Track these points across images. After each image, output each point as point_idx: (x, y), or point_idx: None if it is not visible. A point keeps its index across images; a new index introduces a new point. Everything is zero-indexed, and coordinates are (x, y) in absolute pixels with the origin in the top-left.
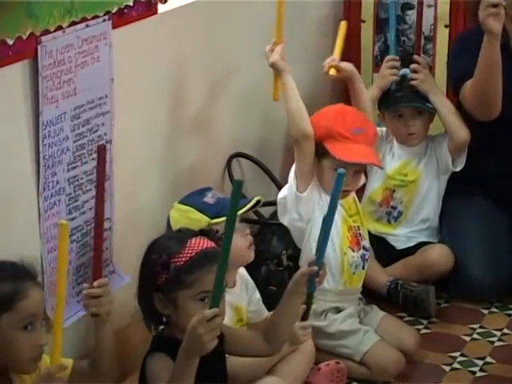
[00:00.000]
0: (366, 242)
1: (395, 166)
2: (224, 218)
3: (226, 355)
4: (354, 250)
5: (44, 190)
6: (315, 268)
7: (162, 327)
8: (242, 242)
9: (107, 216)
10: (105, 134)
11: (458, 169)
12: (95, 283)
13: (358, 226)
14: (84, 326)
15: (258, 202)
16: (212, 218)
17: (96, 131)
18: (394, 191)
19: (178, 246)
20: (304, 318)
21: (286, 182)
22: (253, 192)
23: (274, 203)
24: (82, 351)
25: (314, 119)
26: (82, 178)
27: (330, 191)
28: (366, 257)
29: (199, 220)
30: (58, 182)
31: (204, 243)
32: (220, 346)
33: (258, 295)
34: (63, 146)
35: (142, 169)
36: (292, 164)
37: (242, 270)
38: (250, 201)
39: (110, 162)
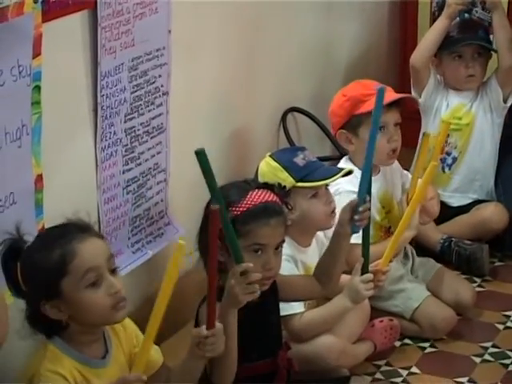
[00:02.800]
0: None
1: (450, 109)
2: (310, 184)
3: None
4: None
5: (101, 140)
6: (355, 200)
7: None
8: (324, 209)
9: (162, 168)
10: (161, 86)
11: (509, 103)
12: (209, 333)
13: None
14: (139, 276)
15: (350, 172)
16: (297, 181)
17: (153, 83)
18: (448, 136)
19: (238, 196)
20: (363, 271)
21: None
22: (307, 147)
23: (328, 159)
24: (137, 299)
25: (335, 105)
26: (138, 130)
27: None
28: None
29: (284, 180)
30: (115, 133)
31: (265, 196)
32: (274, 298)
33: None
34: (120, 97)
35: (198, 121)
36: None
37: (320, 233)
38: (341, 170)
39: (166, 113)
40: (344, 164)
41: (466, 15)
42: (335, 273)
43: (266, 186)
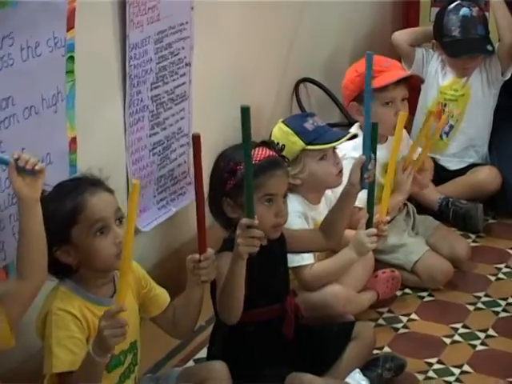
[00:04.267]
0: None
1: (447, 81)
2: (319, 146)
3: None
4: None
5: (130, 106)
6: (363, 157)
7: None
8: (332, 170)
9: (185, 132)
10: (184, 57)
11: (507, 77)
12: (202, 257)
13: None
14: (163, 230)
15: (355, 136)
16: (307, 144)
17: (177, 54)
18: (445, 105)
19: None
20: (368, 226)
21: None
22: (318, 115)
23: (337, 125)
24: (161, 251)
25: (347, 80)
26: (163, 97)
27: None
28: None
29: (295, 143)
30: (142, 100)
31: (266, 152)
32: (282, 250)
33: None
34: (147, 67)
35: (218, 90)
36: None
37: (329, 192)
38: (346, 134)
39: (189, 82)
40: (355, 130)
41: (464, 9)
42: (340, 228)
43: (264, 143)
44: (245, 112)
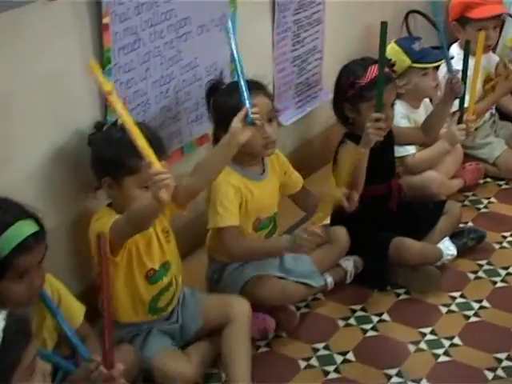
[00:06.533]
0: None
1: None
2: (423, 65)
3: None
4: None
5: (277, 27)
6: (454, 72)
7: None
8: (431, 84)
9: (319, 49)
10: None
11: None
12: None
13: None
14: (299, 125)
15: (452, 57)
16: (413, 62)
17: None
18: None
19: (362, 71)
20: (459, 121)
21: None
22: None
23: (438, 48)
24: (297, 141)
25: (453, 3)
26: (303, 21)
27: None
28: None
29: (404, 60)
30: (286, 23)
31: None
32: (390, 142)
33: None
34: None
35: (344, 15)
36: None
37: (427, 100)
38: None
39: (323, 10)
40: (455, 48)
41: None
42: (437, 127)
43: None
44: (384, 27)
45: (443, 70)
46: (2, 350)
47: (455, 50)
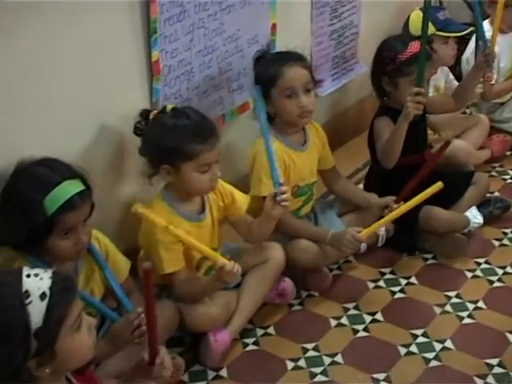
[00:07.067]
0: None
1: None
2: (445, 34)
3: None
4: None
5: (316, 2)
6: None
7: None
8: (451, 52)
9: (355, 24)
10: None
11: None
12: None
13: None
14: (334, 96)
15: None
16: (437, 30)
17: None
18: None
19: (402, 46)
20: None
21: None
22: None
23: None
24: (332, 110)
25: None
26: None
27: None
28: None
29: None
30: None
31: (420, 45)
32: (422, 112)
33: (451, 75)
34: None
35: None
36: None
37: (445, 67)
38: (468, 28)
39: None
40: (485, 25)
41: None
42: (468, 94)
43: (418, 38)
44: (427, 5)
45: (471, 46)
46: (50, 306)
47: (486, 27)
